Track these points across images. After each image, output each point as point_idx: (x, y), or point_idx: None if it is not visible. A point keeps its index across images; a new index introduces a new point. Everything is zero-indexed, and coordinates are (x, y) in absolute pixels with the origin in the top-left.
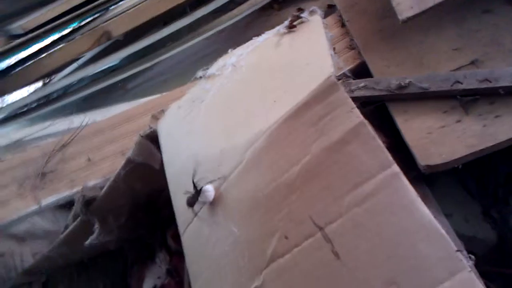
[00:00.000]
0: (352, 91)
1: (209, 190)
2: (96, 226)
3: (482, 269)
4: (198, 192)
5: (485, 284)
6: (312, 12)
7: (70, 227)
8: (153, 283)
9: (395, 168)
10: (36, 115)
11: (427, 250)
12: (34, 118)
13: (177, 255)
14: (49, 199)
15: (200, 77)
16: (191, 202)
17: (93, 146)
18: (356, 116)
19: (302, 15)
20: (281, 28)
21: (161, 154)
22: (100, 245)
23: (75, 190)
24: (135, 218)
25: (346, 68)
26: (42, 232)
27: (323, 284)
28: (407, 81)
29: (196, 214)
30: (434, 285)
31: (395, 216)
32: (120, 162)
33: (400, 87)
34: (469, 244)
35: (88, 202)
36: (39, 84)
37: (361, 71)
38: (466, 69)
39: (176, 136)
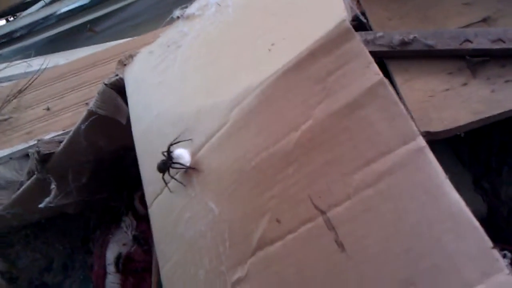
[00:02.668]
0: None
1: (184, 156)
2: (53, 186)
3: None
4: (170, 157)
5: None
6: None
7: (24, 186)
8: (117, 251)
9: (421, 141)
10: None
11: (455, 245)
12: None
13: (145, 220)
14: (2, 153)
15: (178, 17)
16: (162, 169)
17: (53, 93)
18: (375, 72)
19: None
20: None
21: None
22: (58, 207)
23: (31, 142)
24: (98, 178)
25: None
26: (4, 182)
27: (322, 280)
28: (411, 36)
29: (167, 184)
30: None
31: (417, 201)
32: (83, 112)
33: (403, 43)
34: None
35: (44, 159)
36: (2, 21)
37: (359, 23)
38: (477, 27)
39: (146, 87)
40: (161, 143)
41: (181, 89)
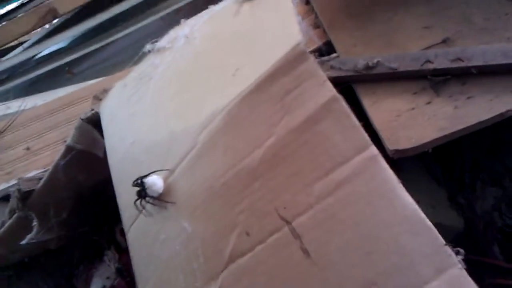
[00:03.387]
0: None
1: (157, 182)
2: (35, 222)
3: None
4: (143, 185)
5: None
6: None
7: (6, 225)
8: (101, 284)
9: (373, 150)
10: None
11: (411, 244)
12: None
13: (127, 253)
14: None
15: (149, 51)
16: (137, 196)
17: (32, 134)
18: (328, 89)
19: None
20: None
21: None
22: (40, 244)
23: (12, 182)
24: (79, 213)
25: (310, 48)
26: None
27: (291, 287)
28: (375, 60)
29: (142, 209)
30: (419, 286)
31: (373, 206)
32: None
33: (368, 67)
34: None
35: (25, 196)
36: None
37: (327, 51)
38: (437, 48)
39: (120, 118)
40: (136, 170)
41: (154, 117)
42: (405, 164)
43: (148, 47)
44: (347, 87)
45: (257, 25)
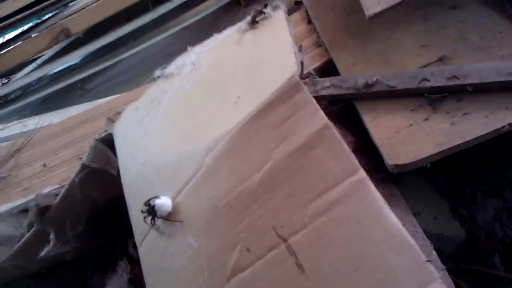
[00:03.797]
0: (318, 90)
1: (165, 203)
2: (52, 236)
3: (451, 266)
4: (153, 207)
5: (454, 281)
6: (275, 8)
7: (25, 238)
8: None
9: (362, 173)
10: None
11: (395, 261)
12: None
13: (138, 264)
14: (1, 208)
15: (158, 76)
16: (148, 213)
17: (49, 151)
18: (321, 118)
19: (264, 10)
20: (243, 24)
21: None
22: (57, 256)
23: (29, 197)
24: (94, 227)
25: (312, 66)
26: (4, 238)
27: None
28: (374, 79)
29: (153, 226)
30: None
31: (361, 225)
32: (76, 167)
33: (367, 85)
34: (438, 242)
35: (43, 211)
36: None
37: (328, 69)
38: (434, 66)
39: (132, 140)
40: (147, 189)
41: (163, 140)
42: (408, 176)
43: (157, 72)
44: (349, 103)
45: (257, 54)
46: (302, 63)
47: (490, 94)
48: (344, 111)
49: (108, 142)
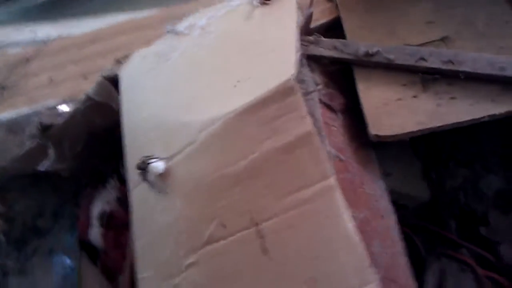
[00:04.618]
0: (320, 50)
1: (159, 166)
2: (51, 151)
3: (411, 222)
4: (147, 165)
5: (410, 235)
6: None
7: (26, 147)
8: (102, 208)
9: (332, 181)
10: None
11: (345, 258)
12: None
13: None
14: (4, 115)
15: (168, 31)
16: (141, 169)
17: (56, 64)
18: (308, 124)
19: None
20: None
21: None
22: (53, 171)
23: (33, 107)
24: (92, 148)
25: (320, 22)
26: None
27: (249, 273)
28: (375, 49)
29: (145, 179)
30: None
31: (324, 223)
32: (81, 84)
33: (367, 54)
34: (402, 199)
35: (45, 128)
36: None
37: (335, 26)
38: (435, 45)
39: (138, 89)
40: (145, 143)
41: (166, 100)
42: None
43: (168, 27)
44: (347, 67)
45: (262, 39)
46: (311, 15)
47: (480, 84)
48: (342, 73)
49: (113, 81)
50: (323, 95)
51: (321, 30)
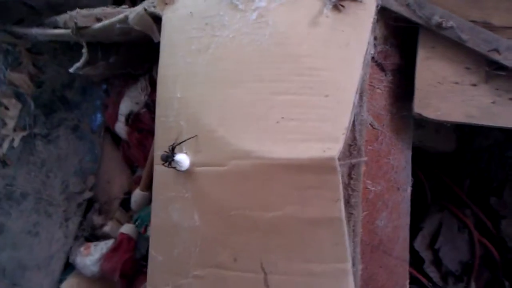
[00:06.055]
0: (392, 3)
1: (184, 161)
2: (84, 50)
3: (427, 166)
4: (172, 158)
5: (421, 179)
6: None
7: (60, 31)
8: (130, 107)
9: (348, 266)
10: None
11: None
12: None
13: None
14: None
15: None
16: (165, 159)
17: None
18: (339, 209)
19: None
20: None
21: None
22: (84, 75)
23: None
24: (124, 57)
25: None
26: None
27: None
28: (449, 24)
29: (169, 166)
30: None
31: None
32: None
33: (440, 26)
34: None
35: (80, 29)
36: None
37: None
38: None
39: (179, 56)
40: (175, 127)
41: (202, 95)
42: None
43: None
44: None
45: (322, 65)
46: None
47: None
48: (405, 29)
49: (155, 18)
50: (378, 52)
51: None
